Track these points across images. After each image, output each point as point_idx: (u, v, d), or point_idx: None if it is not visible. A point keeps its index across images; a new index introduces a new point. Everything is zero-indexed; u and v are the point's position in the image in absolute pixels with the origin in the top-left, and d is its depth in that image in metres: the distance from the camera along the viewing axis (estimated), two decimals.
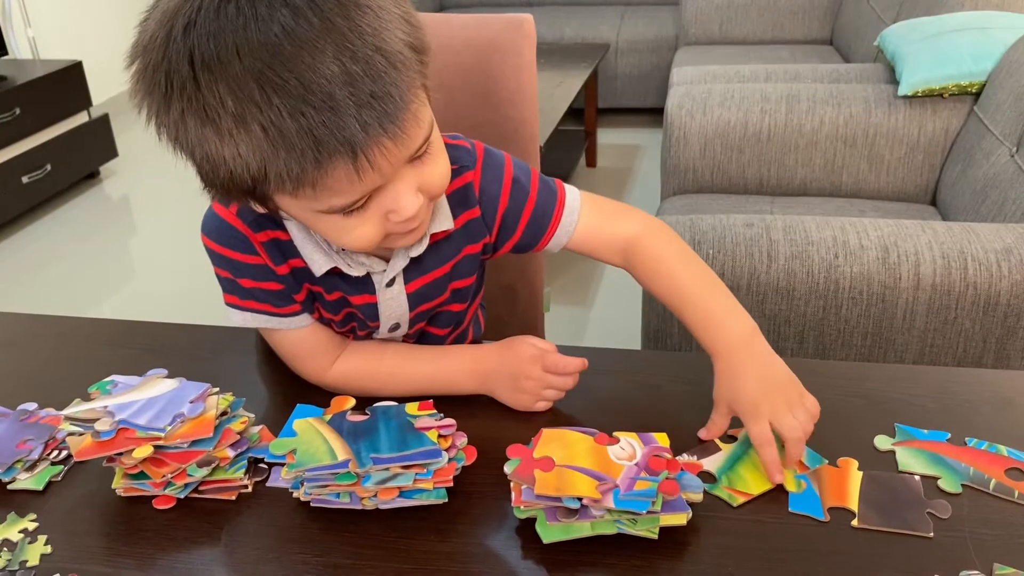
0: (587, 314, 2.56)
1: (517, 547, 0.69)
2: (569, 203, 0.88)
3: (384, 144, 0.64)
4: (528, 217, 0.87)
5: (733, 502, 0.72)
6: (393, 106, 0.63)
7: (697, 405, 0.84)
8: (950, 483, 0.74)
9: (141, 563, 0.69)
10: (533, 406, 0.84)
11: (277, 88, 0.61)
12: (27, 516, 0.74)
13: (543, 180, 0.88)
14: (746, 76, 2.56)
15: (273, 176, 0.64)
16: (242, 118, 0.61)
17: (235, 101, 0.61)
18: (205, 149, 0.64)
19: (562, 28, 4.06)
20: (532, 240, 0.88)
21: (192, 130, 0.64)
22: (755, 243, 1.45)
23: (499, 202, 0.85)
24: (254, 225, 0.80)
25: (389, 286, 0.84)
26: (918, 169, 2.14)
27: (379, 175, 0.66)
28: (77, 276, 2.96)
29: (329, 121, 0.61)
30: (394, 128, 0.64)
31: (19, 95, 3.17)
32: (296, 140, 0.62)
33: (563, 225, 0.87)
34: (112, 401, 0.76)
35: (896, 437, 0.79)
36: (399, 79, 0.64)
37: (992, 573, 0.64)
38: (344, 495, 0.71)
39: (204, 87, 0.62)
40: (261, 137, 0.62)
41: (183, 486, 0.74)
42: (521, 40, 1.18)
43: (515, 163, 0.87)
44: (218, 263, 0.83)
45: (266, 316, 0.84)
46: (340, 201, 0.67)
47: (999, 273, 1.36)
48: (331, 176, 0.64)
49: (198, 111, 0.63)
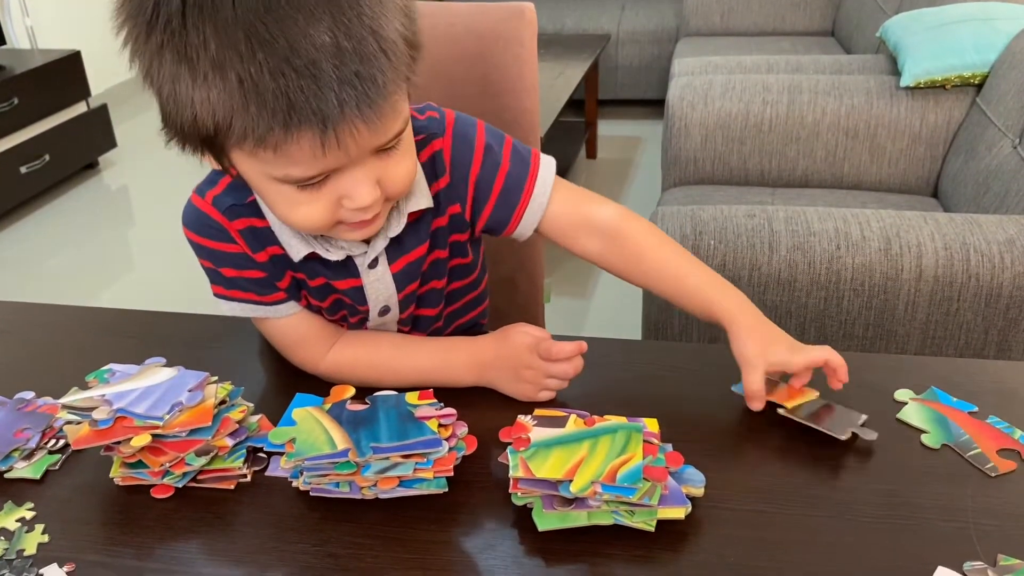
0: (587, 305, 2.56)
1: (517, 537, 0.68)
2: (543, 175, 0.86)
3: (356, 125, 0.64)
4: (501, 184, 0.85)
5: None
6: (375, 91, 0.63)
7: (696, 395, 0.84)
8: (932, 440, 0.77)
9: (139, 552, 0.68)
10: (537, 396, 0.83)
11: (264, 43, 0.60)
12: (24, 505, 0.73)
13: (515, 148, 0.87)
14: (747, 67, 2.55)
15: (238, 129, 0.63)
16: (220, 64, 0.61)
17: (218, 46, 0.61)
18: (176, 87, 0.63)
19: (562, 19, 4.04)
20: (506, 211, 0.86)
21: (167, 65, 0.63)
22: (757, 234, 1.44)
23: (471, 168, 0.84)
24: (229, 214, 0.80)
25: (372, 267, 0.83)
26: (920, 160, 2.14)
27: (344, 155, 0.66)
28: (75, 266, 2.95)
29: (307, 89, 0.61)
30: (370, 112, 0.64)
31: (17, 85, 3.16)
32: (270, 99, 0.61)
33: (536, 197, 0.86)
34: (110, 390, 0.76)
35: (922, 395, 0.82)
36: (387, 67, 0.64)
37: (996, 564, 0.64)
38: (344, 484, 0.71)
39: (190, 25, 0.61)
40: (235, 87, 0.61)
41: (181, 475, 0.73)
42: (523, 28, 1.17)
43: (488, 129, 0.86)
44: (200, 253, 0.83)
45: (252, 305, 0.84)
46: (298, 172, 0.67)
47: (1001, 264, 1.36)
48: (295, 144, 0.64)
49: (178, 46, 0.62)
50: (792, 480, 0.73)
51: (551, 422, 0.75)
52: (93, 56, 3.61)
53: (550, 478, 0.68)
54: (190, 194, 0.82)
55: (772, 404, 0.80)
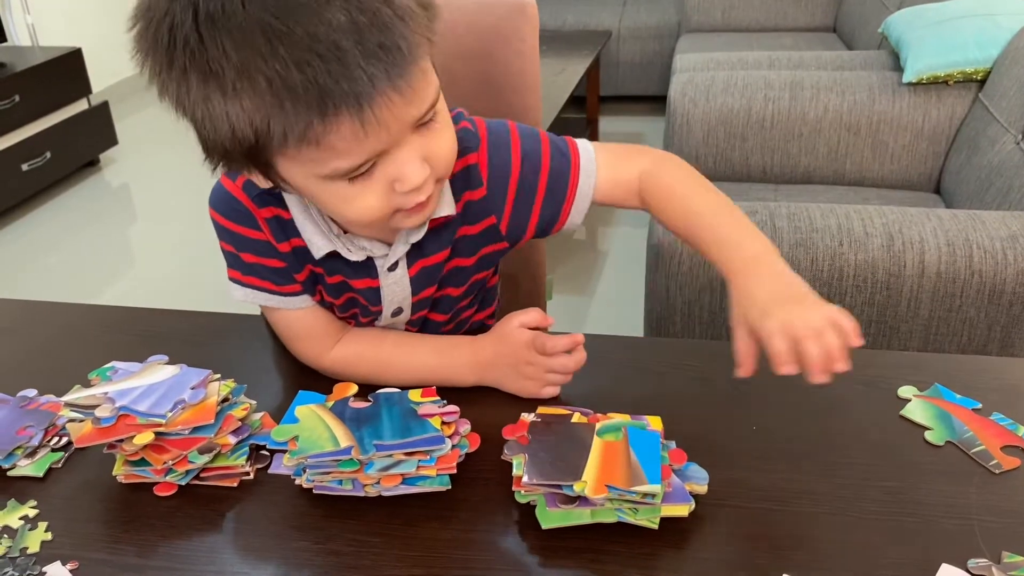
0: (589, 302, 2.56)
1: (520, 535, 0.68)
2: (584, 164, 0.85)
3: (391, 97, 0.63)
4: (545, 183, 0.84)
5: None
6: (401, 58, 0.62)
7: (699, 392, 0.84)
8: (936, 436, 0.76)
9: (142, 550, 0.68)
10: (540, 392, 0.83)
11: (283, 37, 0.60)
12: (27, 503, 0.73)
13: (553, 143, 0.85)
14: (749, 63, 2.55)
15: (277, 132, 0.63)
16: (246, 70, 0.60)
17: (239, 53, 0.60)
18: (208, 107, 0.63)
19: (564, 15, 4.04)
20: (554, 207, 0.85)
21: (195, 87, 0.63)
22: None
23: (510, 178, 0.83)
24: (258, 200, 0.80)
25: (392, 270, 0.83)
26: (922, 157, 2.13)
27: (385, 133, 0.65)
28: (77, 264, 2.95)
29: (336, 71, 0.60)
30: (401, 82, 0.63)
31: (18, 82, 3.16)
32: (301, 92, 0.60)
33: (581, 188, 0.85)
34: (112, 387, 0.76)
35: (926, 392, 0.82)
36: (407, 31, 0.63)
37: (1001, 560, 0.64)
38: (346, 482, 0.71)
39: (207, 40, 0.60)
40: (265, 89, 0.61)
41: (184, 473, 0.73)
42: (524, 24, 1.17)
43: (521, 132, 0.85)
44: (222, 236, 0.82)
45: (266, 294, 0.83)
46: (344, 163, 0.66)
47: (1004, 261, 1.35)
48: (336, 132, 0.63)
49: (201, 66, 0.61)
50: (796, 477, 0.73)
51: (555, 420, 0.75)
52: (94, 53, 3.61)
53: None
54: (217, 177, 0.81)
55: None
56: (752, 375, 0.73)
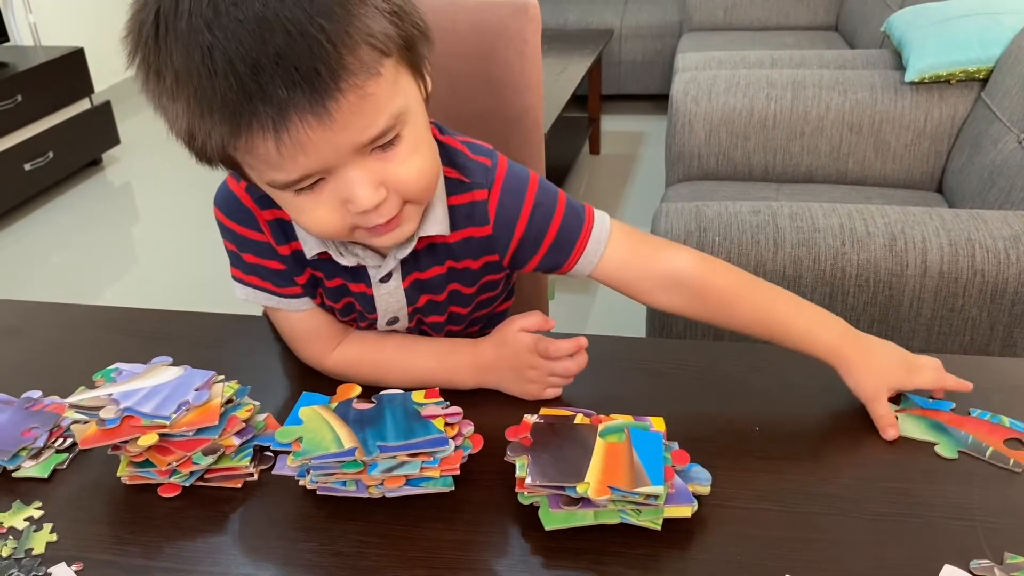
0: (591, 302, 2.56)
1: (523, 536, 0.68)
2: (596, 232, 0.83)
3: (310, 123, 0.62)
4: (550, 241, 0.83)
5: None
6: (321, 85, 0.61)
7: (702, 392, 0.84)
8: (947, 449, 0.76)
9: (147, 551, 0.68)
10: (543, 394, 0.83)
11: (211, 49, 0.60)
12: (32, 504, 0.73)
13: (571, 205, 0.83)
14: (751, 62, 2.55)
15: (200, 140, 0.64)
16: (180, 77, 0.62)
17: (179, 58, 0.62)
18: (160, 102, 0.65)
19: (565, 14, 4.04)
20: (554, 264, 0.84)
21: (150, 83, 0.65)
22: (761, 230, 1.44)
23: (516, 227, 0.82)
24: (261, 202, 0.80)
25: (384, 282, 0.83)
26: (924, 156, 2.13)
27: (308, 156, 0.64)
28: (79, 264, 2.96)
29: (251, 89, 0.60)
30: (321, 109, 0.62)
31: (21, 82, 3.16)
32: (218, 104, 0.61)
33: (587, 254, 0.83)
34: (117, 389, 0.76)
35: (901, 404, 0.81)
36: (335, 59, 0.61)
37: (1003, 562, 0.64)
38: (350, 483, 0.71)
39: (161, 40, 0.62)
40: (191, 97, 0.62)
41: (188, 474, 0.74)
42: (526, 24, 1.17)
43: (540, 186, 0.83)
44: (225, 235, 0.83)
45: (266, 294, 0.84)
46: (279, 176, 0.66)
47: (1007, 260, 1.35)
48: (255, 148, 0.63)
49: (153, 64, 0.63)
50: (798, 478, 0.73)
51: (557, 421, 0.75)
52: (96, 53, 3.61)
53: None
54: (225, 177, 0.82)
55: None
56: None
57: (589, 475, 0.67)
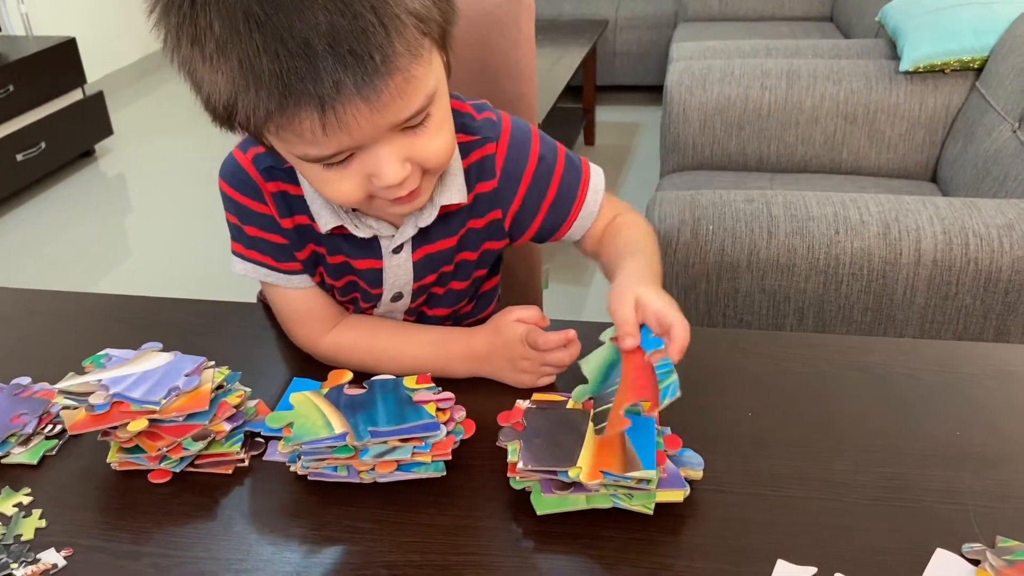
0: (586, 291, 2.56)
1: (515, 521, 0.68)
2: (594, 182, 0.88)
3: (356, 105, 0.62)
4: (555, 191, 0.86)
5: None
6: (373, 68, 0.61)
7: (694, 378, 0.84)
8: (578, 394, 0.73)
9: (137, 537, 0.68)
10: (537, 382, 0.83)
11: (260, 24, 0.60)
12: (22, 490, 0.73)
13: (569, 158, 0.87)
14: (746, 52, 2.54)
15: (240, 112, 0.64)
16: (224, 46, 0.61)
17: (221, 27, 0.61)
18: (192, 68, 0.65)
19: (560, 4, 4.03)
20: (559, 216, 0.87)
21: (183, 48, 0.64)
22: (755, 219, 1.44)
23: (522, 178, 0.84)
24: (266, 174, 0.80)
25: (396, 252, 0.83)
26: (919, 145, 2.13)
27: (351, 135, 0.65)
28: (72, 254, 2.94)
29: (301, 69, 0.60)
30: (369, 91, 0.62)
31: (12, 72, 3.14)
32: (266, 80, 0.61)
33: (587, 204, 0.87)
34: (106, 375, 0.75)
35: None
36: (386, 42, 0.62)
37: (995, 545, 0.64)
38: (341, 468, 0.71)
39: (199, 6, 0.61)
40: (236, 69, 0.61)
41: (179, 460, 0.73)
42: (520, 12, 1.16)
43: (542, 138, 0.86)
44: (228, 207, 0.83)
45: (266, 269, 0.84)
46: (313, 151, 0.67)
47: (1000, 249, 1.35)
48: (297, 125, 0.63)
49: (189, 29, 0.63)
50: (790, 463, 0.73)
51: (549, 406, 0.75)
52: (89, 43, 3.59)
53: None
54: (232, 148, 0.83)
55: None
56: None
57: (581, 459, 0.67)
